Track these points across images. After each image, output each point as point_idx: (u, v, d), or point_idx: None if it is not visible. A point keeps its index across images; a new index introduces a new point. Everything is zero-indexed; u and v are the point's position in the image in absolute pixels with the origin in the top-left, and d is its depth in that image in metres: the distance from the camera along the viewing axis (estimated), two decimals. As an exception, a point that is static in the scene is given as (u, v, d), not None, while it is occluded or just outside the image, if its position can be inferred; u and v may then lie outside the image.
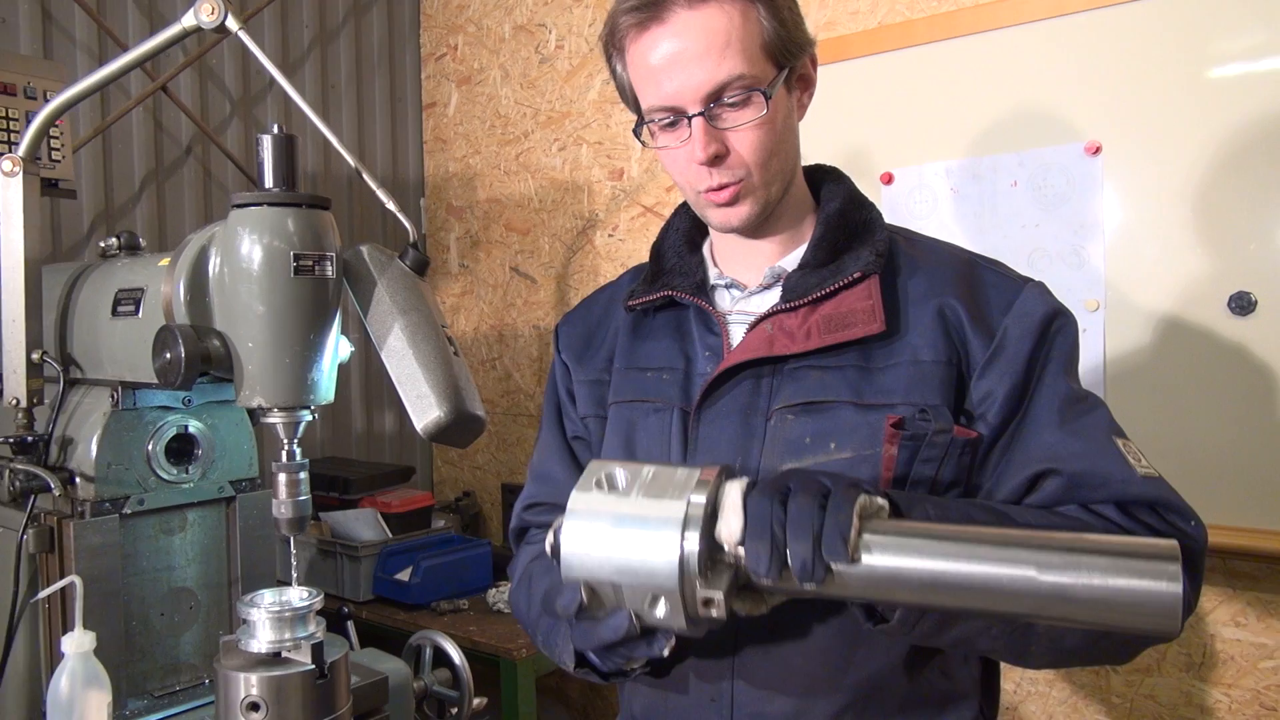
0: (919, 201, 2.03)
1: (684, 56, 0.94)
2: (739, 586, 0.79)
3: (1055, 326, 0.97)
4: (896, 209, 2.04)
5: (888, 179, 2.06)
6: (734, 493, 0.76)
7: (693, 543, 0.73)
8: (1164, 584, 0.65)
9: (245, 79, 2.65)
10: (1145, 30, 1.74)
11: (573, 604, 0.82)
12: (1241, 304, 1.67)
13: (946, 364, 0.96)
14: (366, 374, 2.95)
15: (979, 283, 1.00)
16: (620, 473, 0.79)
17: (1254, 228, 1.66)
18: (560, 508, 1.12)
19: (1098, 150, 1.80)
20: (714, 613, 0.75)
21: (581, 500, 0.78)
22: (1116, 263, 1.80)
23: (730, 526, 0.74)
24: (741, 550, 0.75)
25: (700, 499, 0.75)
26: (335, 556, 2.39)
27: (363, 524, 2.44)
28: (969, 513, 0.85)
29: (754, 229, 1.04)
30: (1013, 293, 0.99)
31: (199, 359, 1.00)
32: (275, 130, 1.03)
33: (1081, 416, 0.94)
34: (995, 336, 0.96)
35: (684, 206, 1.16)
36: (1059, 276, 1.83)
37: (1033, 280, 1.01)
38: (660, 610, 0.76)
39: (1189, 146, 1.71)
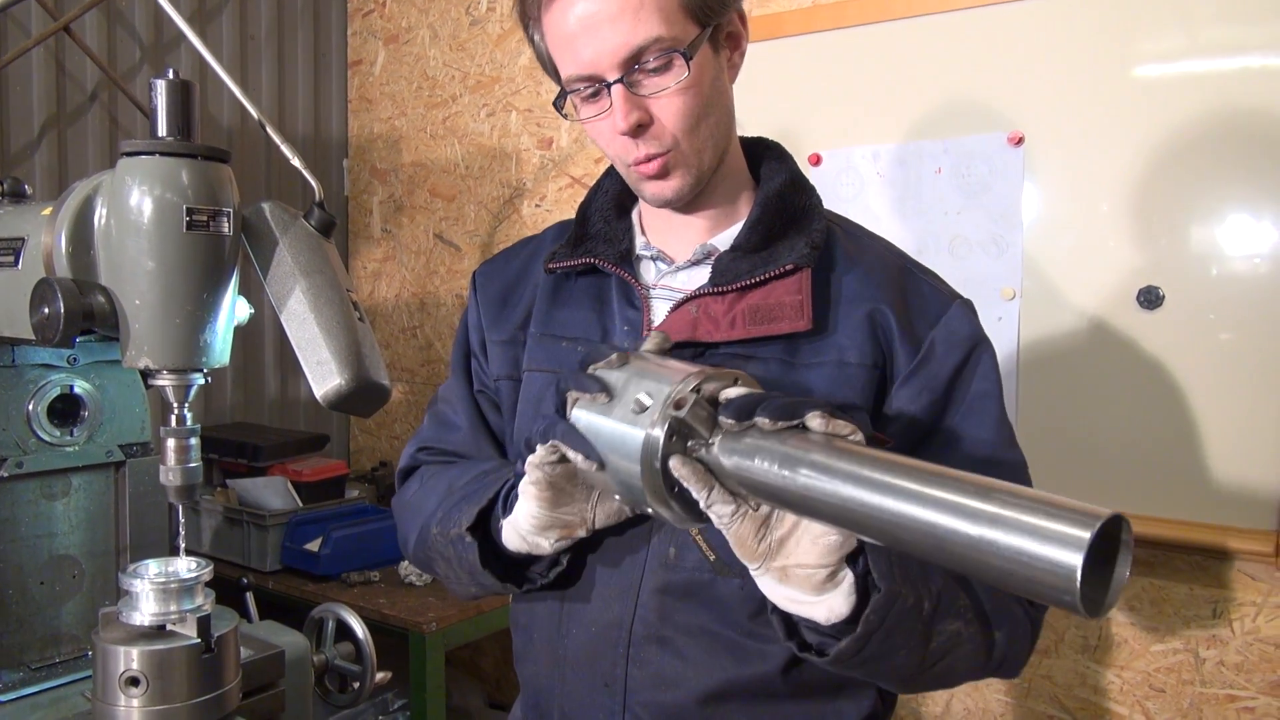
0: (845, 184, 2.03)
1: (598, 19, 0.89)
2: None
3: (978, 351, 0.97)
4: (823, 191, 1.98)
5: (816, 160, 2.06)
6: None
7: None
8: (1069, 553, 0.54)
9: (157, 24, 2.52)
10: (1072, 25, 1.76)
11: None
12: (1150, 298, 1.71)
13: (871, 368, 0.94)
14: (280, 337, 2.85)
15: (911, 291, 0.99)
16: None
17: (1165, 224, 1.70)
18: (453, 454, 1.12)
19: (1020, 141, 1.82)
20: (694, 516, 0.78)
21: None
22: (1034, 253, 1.82)
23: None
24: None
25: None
26: (242, 525, 2.32)
27: (271, 492, 2.37)
28: None
29: (688, 203, 1.00)
30: (942, 307, 0.98)
31: (80, 315, 0.94)
32: (170, 75, 0.97)
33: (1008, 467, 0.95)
34: (921, 348, 0.95)
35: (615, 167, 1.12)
36: (978, 264, 1.85)
37: (962, 297, 1.00)
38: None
39: (1108, 142, 1.74)
